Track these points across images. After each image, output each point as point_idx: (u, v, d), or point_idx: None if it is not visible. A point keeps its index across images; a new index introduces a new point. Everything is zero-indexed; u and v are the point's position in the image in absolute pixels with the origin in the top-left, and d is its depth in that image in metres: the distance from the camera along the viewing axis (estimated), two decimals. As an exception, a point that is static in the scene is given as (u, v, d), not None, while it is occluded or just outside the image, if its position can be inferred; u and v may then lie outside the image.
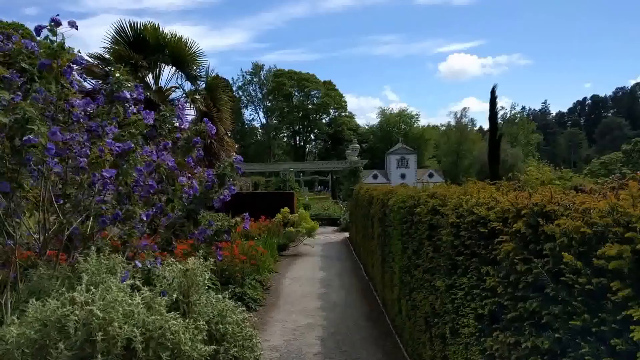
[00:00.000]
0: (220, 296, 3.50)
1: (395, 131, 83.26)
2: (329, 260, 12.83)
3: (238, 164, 4.80)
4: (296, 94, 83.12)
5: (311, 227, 14.73)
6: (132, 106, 4.30)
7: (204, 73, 12.26)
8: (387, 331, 6.29)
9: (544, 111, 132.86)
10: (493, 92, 29.49)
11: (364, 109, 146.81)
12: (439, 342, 3.93)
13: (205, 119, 4.81)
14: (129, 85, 4.39)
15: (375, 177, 65.63)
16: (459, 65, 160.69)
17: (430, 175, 66.55)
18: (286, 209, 14.49)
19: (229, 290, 7.25)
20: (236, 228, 4.64)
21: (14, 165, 3.64)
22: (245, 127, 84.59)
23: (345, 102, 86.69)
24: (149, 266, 3.84)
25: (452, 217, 3.57)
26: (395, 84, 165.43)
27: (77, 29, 3.89)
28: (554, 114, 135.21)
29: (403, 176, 65.94)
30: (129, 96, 4.17)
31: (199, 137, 4.61)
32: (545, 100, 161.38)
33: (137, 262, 3.88)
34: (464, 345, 3.25)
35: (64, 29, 3.99)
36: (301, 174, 39.56)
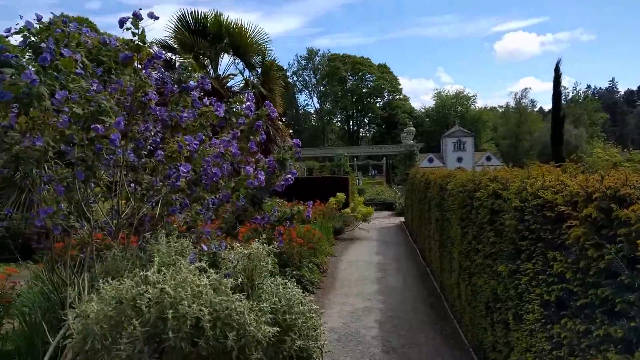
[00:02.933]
0: (289, 283, 3.57)
1: (452, 114, 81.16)
2: (384, 245, 12.81)
3: (297, 148, 4.87)
4: (350, 78, 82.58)
5: (366, 212, 14.74)
6: (206, 98, 4.48)
7: (261, 59, 12.45)
8: (445, 316, 6.24)
9: (611, 90, 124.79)
10: (557, 68, 27.98)
11: (417, 92, 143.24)
12: (501, 327, 3.86)
13: (267, 102, 4.90)
14: (195, 75, 4.55)
15: (430, 160, 64.46)
16: (517, 44, 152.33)
17: (488, 159, 64.59)
18: (342, 194, 14.54)
19: (287, 273, 7.42)
20: (299, 216, 4.72)
21: (88, 155, 3.88)
22: (299, 113, 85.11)
23: (400, 85, 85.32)
24: (214, 250, 4.00)
25: (515, 201, 3.47)
26: (449, 66, 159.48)
27: (157, 19, 4.06)
28: (622, 93, 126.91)
29: (460, 160, 64.39)
30: (193, 86, 4.34)
31: (260, 121, 4.70)
32: (613, 78, 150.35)
33: (203, 245, 4.05)
34: (528, 331, 3.18)
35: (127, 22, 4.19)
36: (355, 159, 39.39)
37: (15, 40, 4.02)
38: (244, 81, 12.14)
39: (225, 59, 12.84)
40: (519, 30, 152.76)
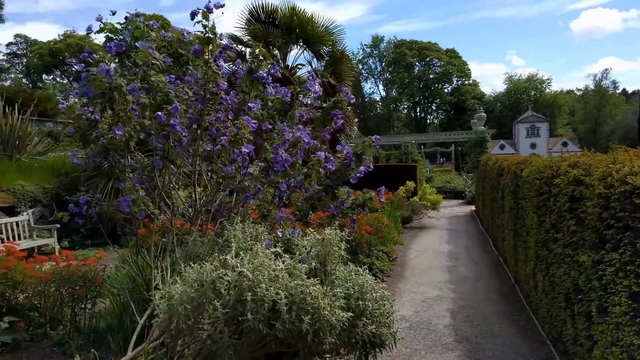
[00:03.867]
0: (360, 269, 3.62)
1: (524, 98, 77.56)
2: (454, 233, 12.56)
3: (376, 143, 4.89)
4: (417, 64, 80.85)
5: (435, 200, 14.47)
6: (270, 87, 4.58)
7: (330, 49, 12.54)
8: (520, 307, 6.04)
9: None
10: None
11: (487, 76, 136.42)
12: (583, 320, 3.70)
13: (343, 89, 4.93)
14: (266, 63, 4.66)
15: (502, 147, 62.04)
16: (595, 22, 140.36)
17: (565, 144, 61.20)
18: (410, 182, 14.36)
19: (357, 261, 7.48)
20: (372, 202, 4.74)
21: (166, 145, 4.11)
22: (365, 101, 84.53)
23: (469, 69, 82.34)
24: (288, 236, 4.11)
25: (599, 187, 3.30)
26: (521, 48, 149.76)
27: (223, 6, 4.20)
28: None
29: (533, 146, 61.54)
30: (265, 75, 4.45)
31: (337, 110, 4.75)
32: None
33: (278, 232, 4.17)
34: (614, 324, 3.03)
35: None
36: (422, 146, 38.60)
37: (96, 38, 4.33)
38: (312, 71, 12.26)
39: (295, 50, 13.06)
40: (598, 7, 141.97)
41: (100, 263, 5.11)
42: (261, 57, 4.52)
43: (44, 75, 52.68)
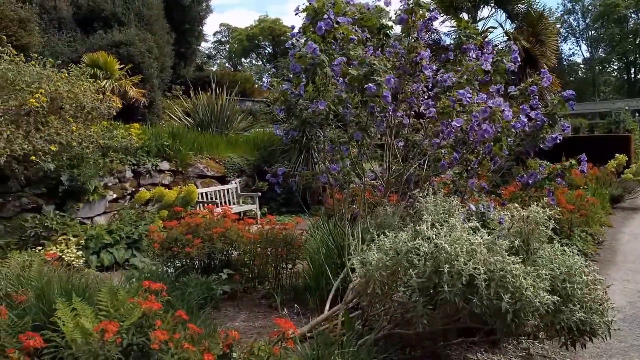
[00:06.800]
0: (568, 250, 3.29)
1: None
2: (681, 216, 10.63)
3: (570, 101, 4.38)
4: (632, 15, 68.86)
5: (657, 177, 12.39)
6: (472, 52, 4.41)
7: (525, 8, 11.44)
8: None
9: None
10: None
11: None
12: None
13: (543, 70, 4.48)
14: (479, 38, 4.53)
15: None
16: None
17: None
18: (621, 155, 12.50)
19: (556, 240, 6.82)
20: (571, 171, 4.24)
21: (362, 117, 4.22)
22: (563, 64, 75.56)
23: None
24: (482, 210, 3.92)
25: None
26: None
27: None
28: None
29: None
30: (473, 47, 4.33)
31: (535, 86, 4.37)
32: None
33: (471, 205, 4.00)
34: None
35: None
36: (637, 113, 33.11)
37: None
38: (504, 34, 11.35)
39: (485, 11, 12.17)
40: None
41: (298, 228, 5.53)
42: (469, 32, 4.41)
43: (242, 59, 58.42)
